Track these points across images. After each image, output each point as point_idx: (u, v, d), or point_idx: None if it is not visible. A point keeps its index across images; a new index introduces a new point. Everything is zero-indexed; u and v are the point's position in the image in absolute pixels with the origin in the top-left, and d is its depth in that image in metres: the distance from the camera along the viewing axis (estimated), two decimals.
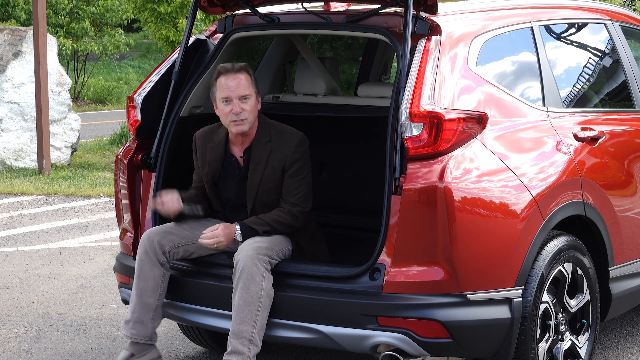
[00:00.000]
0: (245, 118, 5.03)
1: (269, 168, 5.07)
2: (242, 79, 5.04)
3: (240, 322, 4.75)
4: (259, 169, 5.07)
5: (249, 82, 5.06)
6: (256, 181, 5.08)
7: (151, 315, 5.04)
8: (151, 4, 16.17)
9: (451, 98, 4.71)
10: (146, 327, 5.05)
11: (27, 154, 13.53)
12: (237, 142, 5.15)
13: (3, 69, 13.49)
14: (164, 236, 5.04)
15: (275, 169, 5.07)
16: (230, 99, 5.02)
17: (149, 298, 5.02)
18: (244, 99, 5.03)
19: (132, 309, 5.05)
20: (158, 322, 5.10)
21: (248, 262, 4.77)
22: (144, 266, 5.01)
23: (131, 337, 5.06)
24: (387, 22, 5.02)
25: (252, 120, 5.07)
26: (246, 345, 4.75)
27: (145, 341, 5.07)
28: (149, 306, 5.03)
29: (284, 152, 5.06)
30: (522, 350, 4.79)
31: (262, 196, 5.09)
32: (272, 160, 5.07)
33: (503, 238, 4.69)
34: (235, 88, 5.02)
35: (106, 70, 29.86)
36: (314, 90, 6.00)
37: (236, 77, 5.04)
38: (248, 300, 4.73)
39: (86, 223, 10.01)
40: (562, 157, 5.10)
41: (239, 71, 5.05)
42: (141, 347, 5.08)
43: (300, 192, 5.07)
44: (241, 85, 5.03)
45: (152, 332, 5.08)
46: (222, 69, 5.06)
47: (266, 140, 5.10)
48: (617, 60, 5.98)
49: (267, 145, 5.09)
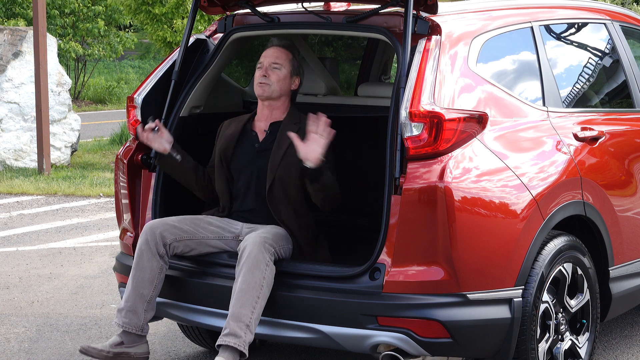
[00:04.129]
0: (270, 84, 5.20)
1: (293, 146, 5.04)
2: (282, 52, 5.25)
3: (241, 306, 4.74)
4: (284, 144, 5.13)
5: (287, 57, 5.26)
6: (279, 154, 5.13)
7: (144, 306, 5.03)
8: (145, 6, 16.18)
9: (451, 98, 4.71)
10: (138, 317, 5.04)
11: (27, 154, 13.53)
12: (263, 116, 5.27)
13: (3, 69, 13.49)
14: (166, 228, 5.04)
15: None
16: (262, 64, 5.24)
17: (144, 288, 5.01)
18: (274, 66, 5.22)
19: (127, 297, 5.04)
20: (150, 315, 5.07)
21: (255, 249, 4.78)
22: (143, 256, 5.01)
23: (122, 325, 5.03)
24: (387, 22, 5.03)
25: (276, 90, 5.21)
26: (243, 330, 4.74)
27: (136, 331, 5.05)
28: (144, 297, 5.02)
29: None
30: (522, 350, 4.80)
31: (283, 170, 5.11)
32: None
33: (503, 238, 4.69)
34: (271, 56, 5.25)
35: (106, 70, 29.88)
36: (314, 90, 6.01)
37: (278, 49, 5.26)
38: (251, 284, 4.73)
39: (86, 223, 10.01)
40: (562, 157, 5.10)
41: (283, 46, 5.27)
42: (132, 337, 5.05)
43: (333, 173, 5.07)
44: (278, 56, 5.25)
45: (144, 323, 5.05)
46: (271, 41, 5.32)
47: (296, 121, 5.21)
48: (617, 60, 5.98)
49: (295, 126, 5.18)
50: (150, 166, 5.33)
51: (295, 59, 5.30)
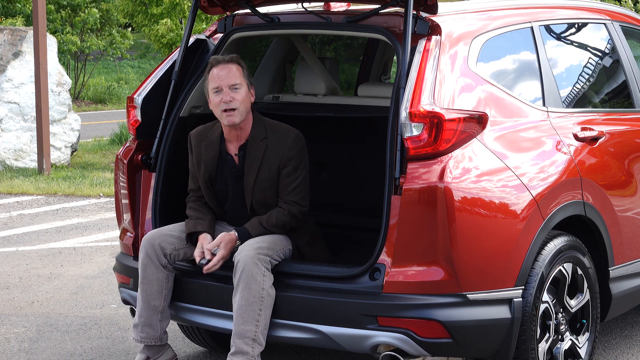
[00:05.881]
0: (236, 108, 5.01)
1: (264, 166, 5.04)
2: (232, 69, 5.04)
3: (244, 322, 4.74)
4: (255, 167, 5.06)
5: (239, 72, 5.06)
6: (252, 180, 5.06)
7: (159, 317, 5.05)
8: (142, 7, 16.20)
9: (451, 98, 4.71)
10: (155, 329, 5.06)
11: (27, 154, 13.53)
12: (232, 138, 5.13)
13: (3, 69, 13.49)
14: (164, 239, 5.04)
15: (271, 167, 5.04)
16: (220, 88, 5.02)
17: (154, 300, 5.02)
18: (234, 88, 5.02)
19: (140, 312, 5.05)
20: (167, 323, 5.10)
21: (249, 262, 4.77)
22: (147, 269, 5.01)
23: (141, 340, 5.06)
24: (387, 22, 5.02)
25: (243, 112, 5.04)
26: (250, 345, 4.75)
27: (156, 342, 5.08)
28: (156, 308, 5.03)
29: (279, 149, 5.04)
30: (522, 350, 4.79)
31: (259, 194, 5.07)
32: (268, 157, 5.05)
33: (503, 238, 4.69)
34: (226, 77, 5.02)
35: (106, 70, 29.87)
36: (314, 90, 6.00)
37: (227, 67, 5.04)
38: (250, 300, 4.73)
39: (86, 223, 10.01)
40: (562, 157, 5.10)
41: (230, 62, 5.06)
42: (154, 349, 5.09)
43: (298, 191, 5.05)
44: (231, 75, 5.03)
45: (161, 333, 5.08)
46: (213, 61, 5.08)
47: (262, 137, 5.08)
48: (617, 60, 5.98)
49: (262, 142, 5.07)
50: (150, 166, 5.33)
51: (244, 66, 5.14)
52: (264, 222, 5.01)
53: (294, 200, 5.04)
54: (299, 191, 5.05)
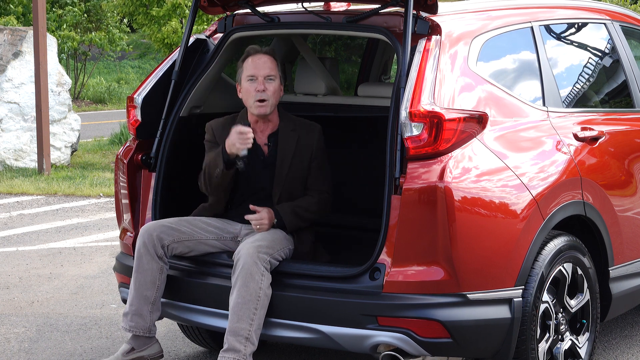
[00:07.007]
0: (268, 99, 5.12)
1: (296, 157, 5.17)
2: (269, 60, 5.16)
3: (238, 320, 4.74)
4: (288, 158, 5.16)
5: (275, 65, 5.18)
6: (285, 169, 5.16)
7: (149, 307, 5.04)
8: (143, 8, 16.21)
9: (451, 98, 4.71)
10: (145, 319, 5.05)
11: (27, 154, 13.53)
12: (258, 128, 5.21)
13: (3, 69, 13.49)
14: (163, 230, 5.04)
15: (303, 158, 5.18)
16: (255, 77, 5.13)
17: (147, 290, 5.02)
18: (269, 79, 5.14)
19: (131, 301, 5.05)
20: (157, 315, 5.09)
21: (248, 261, 4.77)
22: (142, 259, 5.02)
23: (130, 329, 5.05)
24: (387, 22, 5.02)
25: (273, 104, 5.16)
26: (242, 343, 4.75)
27: (144, 334, 5.06)
28: (147, 299, 5.03)
29: (309, 142, 5.20)
30: (522, 350, 4.79)
31: (289, 184, 5.16)
32: (300, 149, 5.18)
33: (503, 238, 4.69)
34: (262, 67, 5.14)
35: (106, 70, 29.89)
36: (314, 90, 6.01)
37: (264, 57, 5.17)
38: (246, 298, 4.73)
39: (86, 223, 10.01)
40: (562, 157, 5.10)
41: (267, 53, 5.19)
42: (141, 340, 5.08)
43: (327, 179, 5.23)
44: (268, 65, 5.15)
45: (151, 324, 5.07)
46: (251, 50, 5.20)
47: (292, 128, 5.21)
48: (617, 60, 5.98)
49: (293, 134, 5.19)
50: (150, 166, 5.33)
51: (278, 60, 5.26)
52: (296, 207, 5.11)
53: (325, 188, 5.21)
54: (327, 180, 5.24)
